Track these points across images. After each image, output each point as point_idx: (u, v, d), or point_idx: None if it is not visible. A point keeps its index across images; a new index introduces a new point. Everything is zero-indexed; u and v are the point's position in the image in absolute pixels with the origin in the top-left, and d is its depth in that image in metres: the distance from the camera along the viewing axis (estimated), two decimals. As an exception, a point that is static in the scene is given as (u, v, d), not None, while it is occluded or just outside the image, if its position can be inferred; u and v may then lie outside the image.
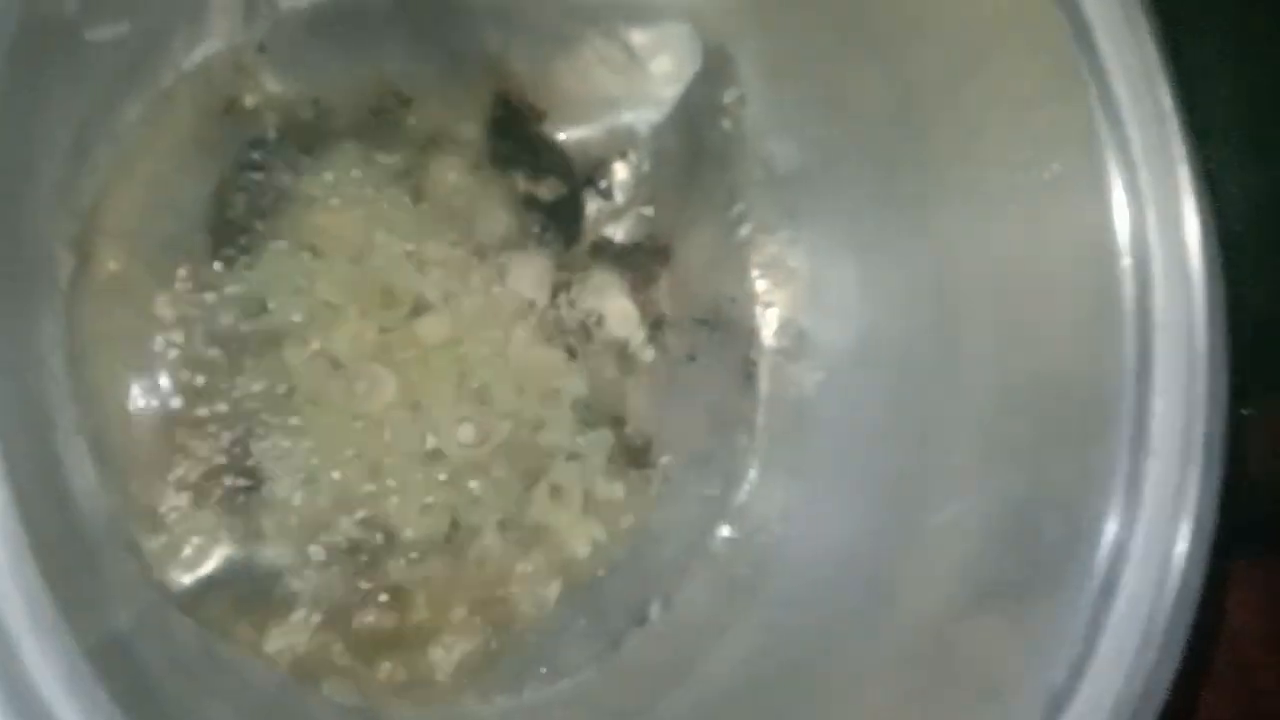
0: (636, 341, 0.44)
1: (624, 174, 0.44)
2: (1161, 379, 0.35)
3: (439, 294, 0.41)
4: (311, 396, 0.39)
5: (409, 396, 0.40)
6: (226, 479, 0.38)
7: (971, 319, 0.40)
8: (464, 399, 0.41)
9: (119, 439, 0.36)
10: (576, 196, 0.43)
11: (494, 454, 0.41)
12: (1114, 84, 0.36)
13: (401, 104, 0.41)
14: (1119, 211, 0.36)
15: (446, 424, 0.40)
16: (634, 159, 0.44)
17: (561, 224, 0.43)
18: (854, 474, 0.42)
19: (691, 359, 0.44)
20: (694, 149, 0.44)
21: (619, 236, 0.44)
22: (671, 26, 0.43)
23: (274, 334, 0.38)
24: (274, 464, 0.38)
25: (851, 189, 0.43)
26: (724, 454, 0.44)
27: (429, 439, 0.40)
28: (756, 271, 0.45)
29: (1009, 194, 0.38)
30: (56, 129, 0.33)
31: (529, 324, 0.42)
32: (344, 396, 0.39)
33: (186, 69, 0.37)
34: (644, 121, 0.44)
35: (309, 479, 0.38)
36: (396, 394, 0.39)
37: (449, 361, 0.41)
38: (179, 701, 0.33)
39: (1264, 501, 0.43)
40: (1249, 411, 0.41)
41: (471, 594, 0.40)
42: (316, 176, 0.40)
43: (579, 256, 0.43)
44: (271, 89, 0.39)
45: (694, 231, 0.44)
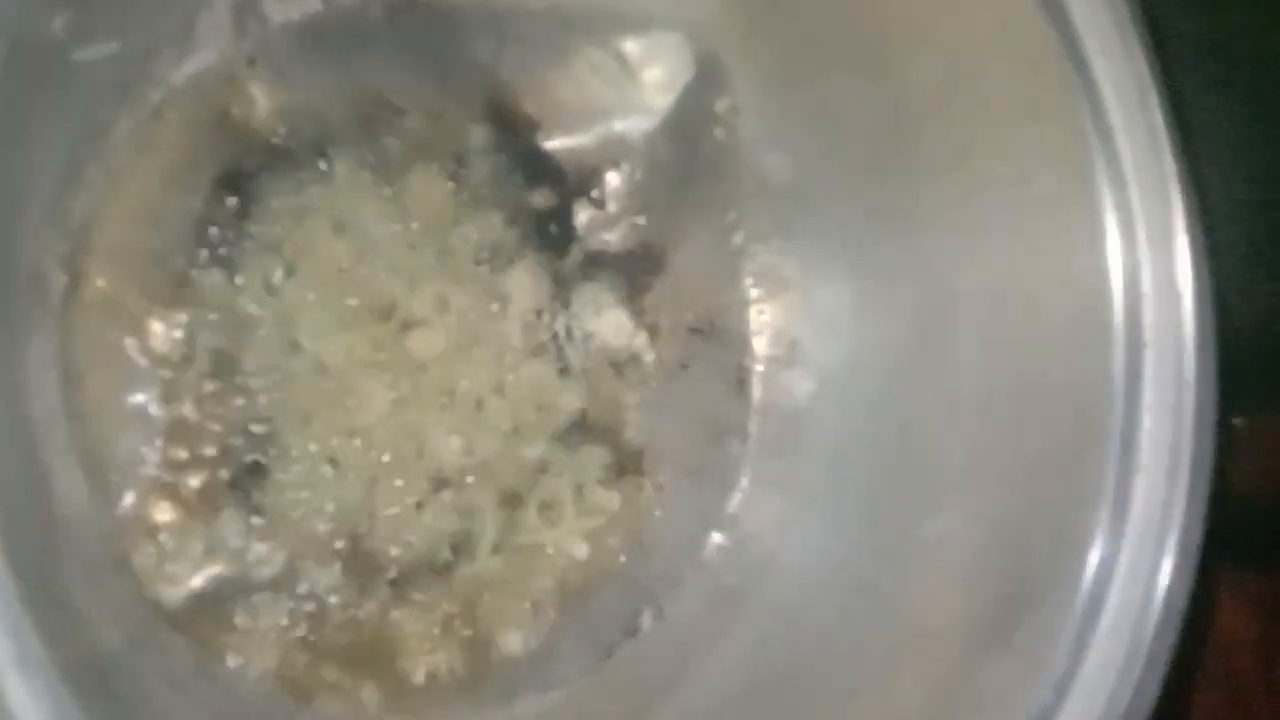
0: (629, 351, 0.44)
1: (617, 183, 0.44)
2: (1150, 396, 0.35)
3: (431, 306, 0.41)
4: (302, 412, 0.39)
5: (401, 411, 0.40)
6: (217, 495, 0.38)
7: (962, 332, 0.40)
8: (457, 412, 0.41)
9: (110, 456, 0.36)
10: (569, 206, 0.43)
11: (487, 467, 0.41)
12: (1105, 99, 0.36)
13: (393, 115, 0.41)
14: (1109, 227, 0.36)
15: (439, 438, 0.40)
16: (627, 168, 0.44)
17: (554, 233, 0.43)
18: (845, 484, 0.42)
19: (684, 368, 0.44)
20: (687, 158, 0.44)
21: (612, 246, 0.44)
22: (664, 36, 0.43)
23: (264, 349, 0.38)
24: (265, 480, 0.38)
25: (844, 200, 0.43)
26: (717, 463, 0.44)
27: (421, 453, 0.40)
28: (749, 280, 0.45)
29: (999, 208, 0.38)
30: (47, 149, 0.33)
31: (522, 334, 0.42)
32: (335, 412, 0.39)
33: (177, 85, 0.37)
34: (637, 131, 0.44)
35: (300, 495, 0.38)
36: (388, 408, 0.40)
37: (442, 375, 0.41)
38: (171, 718, 0.34)
39: (1254, 511, 0.43)
40: (1240, 422, 0.41)
41: (463, 608, 0.40)
42: (307, 189, 0.40)
43: (572, 266, 0.43)
44: (262, 103, 0.39)
45: (687, 241, 0.44)
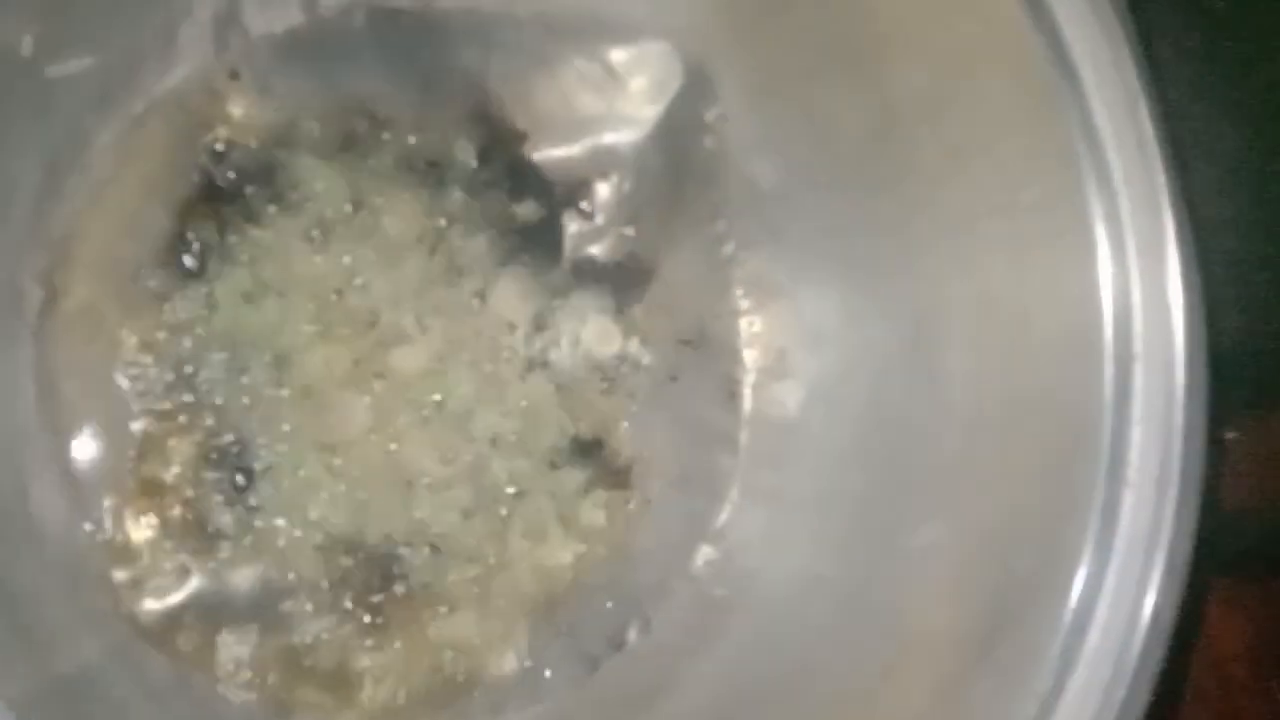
0: (618, 362, 0.43)
1: (606, 194, 0.44)
2: (1140, 409, 0.34)
3: (414, 320, 0.41)
4: (281, 428, 0.39)
5: (384, 426, 0.40)
6: (197, 509, 0.37)
7: (951, 342, 0.40)
8: (441, 428, 0.41)
9: (89, 469, 0.36)
10: (557, 217, 0.43)
11: (471, 484, 0.41)
12: (1094, 108, 0.35)
13: (377, 126, 0.41)
14: (1099, 238, 0.35)
15: (422, 455, 0.40)
16: (615, 179, 0.43)
17: (542, 245, 0.43)
18: (833, 495, 0.42)
19: (674, 379, 0.44)
20: (676, 168, 0.44)
21: (601, 257, 0.44)
22: (651, 45, 0.43)
23: (243, 363, 0.38)
24: (244, 494, 0.38)
25: (834, 209, 0.43)
26: (706, 474, 0.44)
27: (403, 471, 0.40)
28: (739, 290, 0.44)
29: (988, 217, 0.38)
30: (26, 163, 0.33)
31: (509, 347, 0.42)
32: (315, 427, 0.39)
33: (159, 96, 0.37)
34: (625, 141, 0.43)
35: (280, 510, 0.38)
36: (369, 423, 0.39)
37: (426, 390, 0.40)
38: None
39: (1246, 524, 0.42)
40: (1232, 435, 0.41)
41: (447, 623, 0.40)
42: (290, 200, 0.40)
43: (560, 277, 0.43)
44: (245, 114, 0.39)
45: (677, 251, 0.44)
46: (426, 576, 0.40)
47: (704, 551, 0.43)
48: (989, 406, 0.38)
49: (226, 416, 0.38)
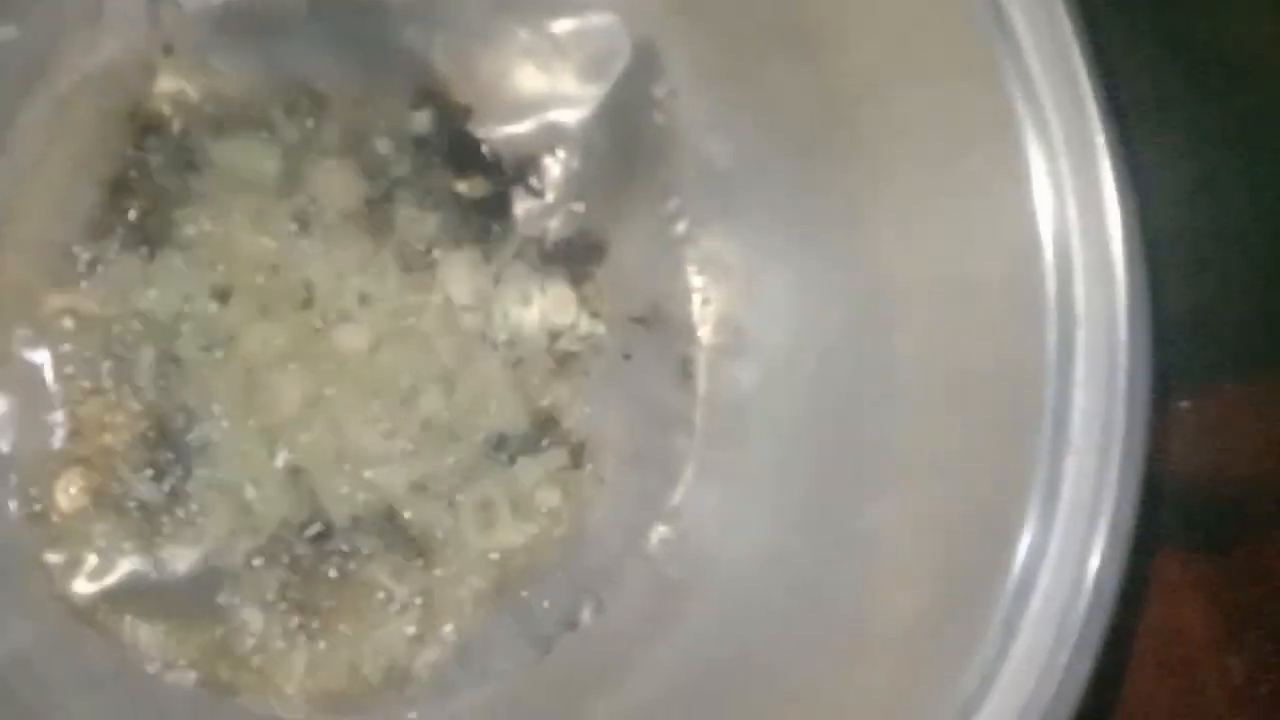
0: (570, 340, 0.43)
1: (554, 170, 0.43)
2: (1082, 371, 0.34)
3: (356, 299, 0.40)
4: (218, 406, 0.38)
5: (323, 405, 0.39)
6: (131, 488, 0.37)
7: (900, 315, 0.39)
8: (388, 406, 0.40)
9: (19, 451, 0.35)
10: (506, 194, 0.43)
11: (416, 466, 0.40)
12: (1031, 68, 0.35)
13: (318, 104, 0.41)
14: (1041, 202, 0.35)
15: (365, 433, 0.40)
16: (564, 155, 0.43)
17: (490, 222, 0.43)
18: (788, 473, 0.41)
19: (627, 357, 0.44)
20: (626, 144, 0.44)
21: (551, 234, 0.43)
22: (597, 19, 0.43)
23: (179, 341, 0.38)
24: (178, 473, 0.38)
25: (785, 185, 0.43)
26: (660, 453, 0.43)
27: (345, 450, 0.39)
28: (693, 268, 0.44)
29: (935, 189, 0.38)
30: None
31: (457, 326, 0.42)
32: (253, 406, 0.38)
33: (88, 71, 0.37)
34: (573, 116, 0.43)
35: (214, 488, 0.38)
36: (305, 402, 0.39)
37: (368, 369, 0.40)
38: (87, 717, 0.33)
39: (1201, 496, 0.42)
40: (1186, 405, 0.40)
41: (393, 602, 0.40)
42: (226, 178, 0.39)
43: (509, 254, 0.43)
44: (179, 91, 0.38)
45: (628, 228, 0.44)
46: (370, 558, 0.40)
47: (659, 530, 0.43)
48: (937, 378, 0.38)
49: (162, 395, 0.38)
